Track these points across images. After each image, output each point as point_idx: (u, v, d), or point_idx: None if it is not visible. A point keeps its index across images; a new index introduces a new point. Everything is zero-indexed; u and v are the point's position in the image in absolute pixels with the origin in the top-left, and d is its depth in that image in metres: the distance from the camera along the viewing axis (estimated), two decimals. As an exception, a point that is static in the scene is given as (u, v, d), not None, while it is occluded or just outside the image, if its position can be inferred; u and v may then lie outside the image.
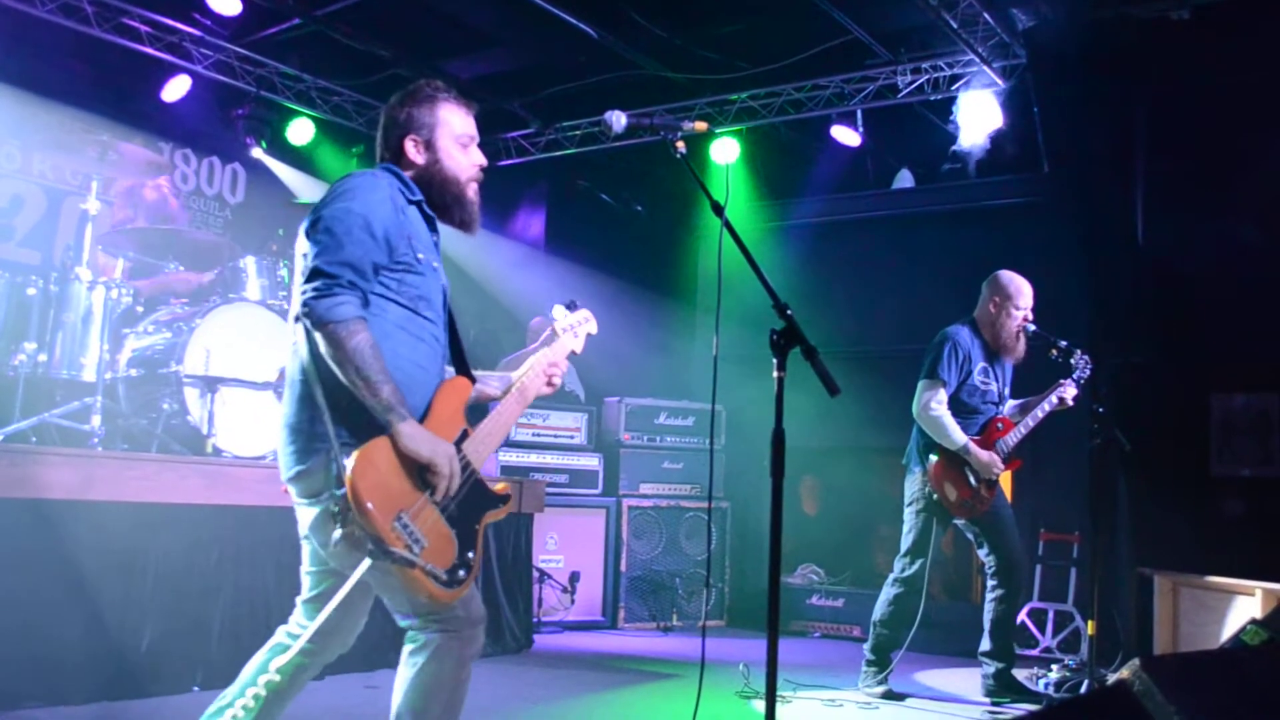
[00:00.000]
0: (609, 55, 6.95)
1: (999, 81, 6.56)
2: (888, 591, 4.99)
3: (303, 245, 2.53)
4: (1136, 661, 2.08)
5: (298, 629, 2.65)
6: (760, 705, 4.46)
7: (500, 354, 6.55)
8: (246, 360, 5.17)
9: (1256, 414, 6.35)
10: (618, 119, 2.75)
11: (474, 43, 7.16)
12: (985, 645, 4.98)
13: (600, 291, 7.58)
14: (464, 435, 2.63)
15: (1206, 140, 6.27)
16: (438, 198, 2.71)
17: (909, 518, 5.00)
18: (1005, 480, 5.19)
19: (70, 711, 3.88)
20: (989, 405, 5.05)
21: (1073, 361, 5.01)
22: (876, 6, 6.40)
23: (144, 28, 6.59)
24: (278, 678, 2.54)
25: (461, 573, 2.47)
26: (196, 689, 4.24)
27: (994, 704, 4.88)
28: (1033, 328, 5.01)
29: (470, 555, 2.52)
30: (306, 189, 7.67)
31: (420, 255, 2.59)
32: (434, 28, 6.97)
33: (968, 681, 5.30)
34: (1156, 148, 6.52)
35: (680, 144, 2.73)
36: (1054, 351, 5.00)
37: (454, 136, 2.72)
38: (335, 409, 2.44)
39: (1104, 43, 5.94)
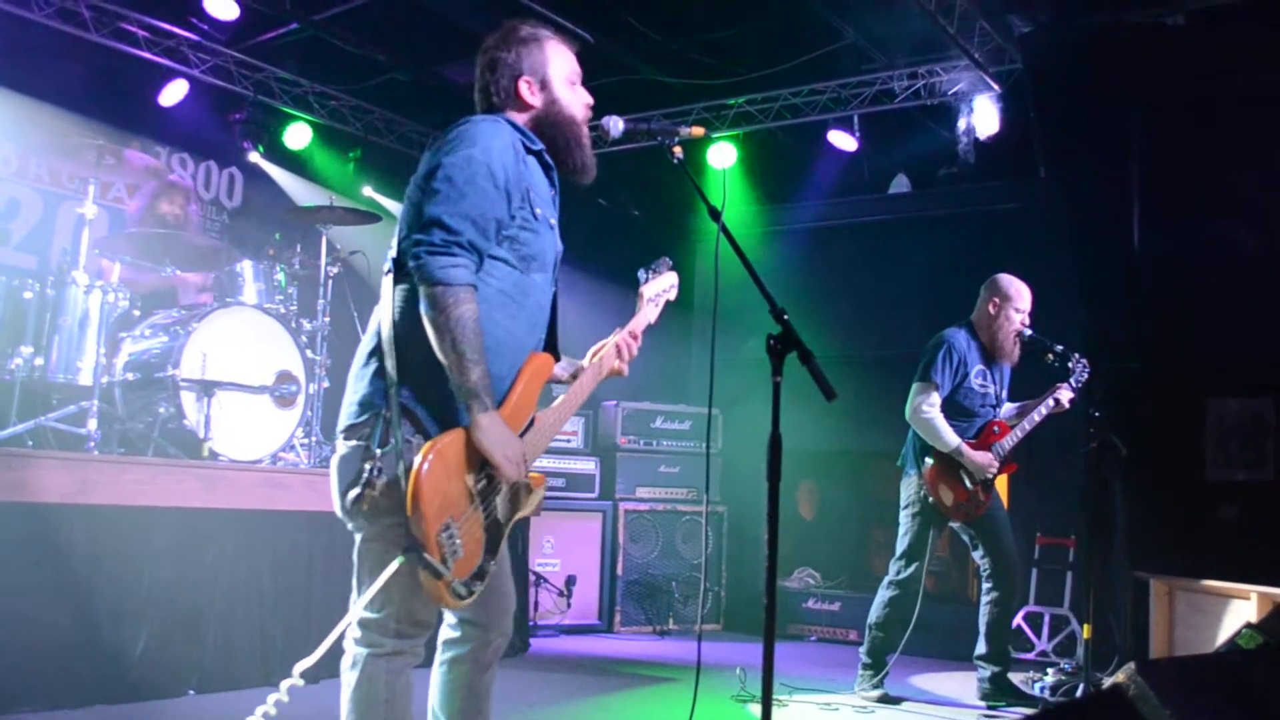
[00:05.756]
0: (606, 60, 6.95)
1: (995, 87, 6.58)
2: (883, 595, 4.99)
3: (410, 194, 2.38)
4: (1132, 665, 2.08)
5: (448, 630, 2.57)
6: (756, 709, 4.46)
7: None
8: (243, 364, 5.17)
9: (1251, 418, 6.36)
10: (615, 124, 2.73)
11: (471, 47, 7.05)
12: (981, 649, 4.98)
13: (596, 296, 7.58)
14: (529, 425, 2.45)
15: (1202, 146, 6.28)
16: (560, 141, 2.56)
17: (904, 521, 5.01)
18: (1001, 484, 5.20)
19: (66, 715, 3.88)
20: (987, 408, 5.06)
21: (1069, 366, 5.03)
22: (873, 12, 6.41)
23: (141, 32, 6.58)
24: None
25: (477, 584, 2.30)
26: (192, 692, 4.21)
27: (990, 708, 4.89)
28: (1029, 332, 5.02)
29: (492, 562, 2.36)
30: (303, 193, 7.66)
31: (538, 211, 2.43)
32: (431, 32, 6.96)
33: (963, 685, 5.30)
34: (1152, 153, 6.53)
35: (677, 149, 2.70)
36: (1050, 356, 5.01)
37: (564, 76, 2.59)
38: (406, 371, 2.27)
39: (1100, 48, 5.96)
